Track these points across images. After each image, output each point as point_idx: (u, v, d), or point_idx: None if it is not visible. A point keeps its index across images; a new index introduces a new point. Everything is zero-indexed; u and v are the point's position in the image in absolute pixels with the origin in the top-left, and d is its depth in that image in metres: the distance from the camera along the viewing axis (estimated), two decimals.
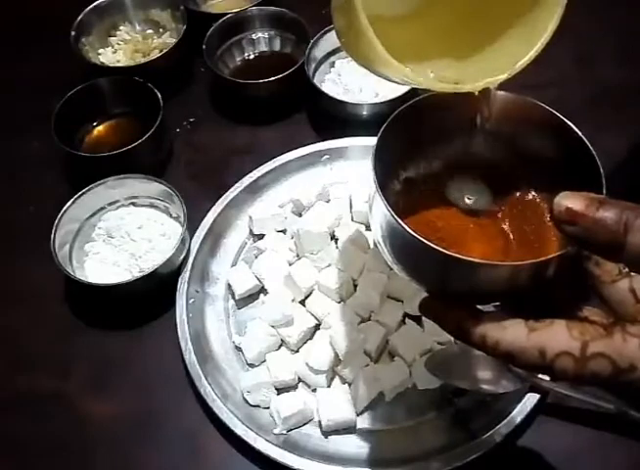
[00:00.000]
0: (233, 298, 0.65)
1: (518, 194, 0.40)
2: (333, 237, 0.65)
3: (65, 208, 0.65)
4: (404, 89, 0.72)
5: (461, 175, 0.40)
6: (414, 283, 0.36)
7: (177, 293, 0.63)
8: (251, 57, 0.84)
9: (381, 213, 0.34)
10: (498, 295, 0.35)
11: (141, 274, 0.62)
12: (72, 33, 0.80)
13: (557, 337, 0.31)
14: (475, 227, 0.39)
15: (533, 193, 0.39)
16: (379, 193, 0.33)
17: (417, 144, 0.39)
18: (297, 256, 0.65)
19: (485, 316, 0.33)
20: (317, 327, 0.61)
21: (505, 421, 0.54)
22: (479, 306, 0.35)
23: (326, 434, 0.56)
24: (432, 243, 0.31)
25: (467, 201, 0.40)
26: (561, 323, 0.32)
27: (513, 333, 0.32)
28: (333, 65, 0.81)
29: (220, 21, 0.81)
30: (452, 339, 0.58)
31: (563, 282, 0.35)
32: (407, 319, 0.61)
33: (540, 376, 0.53)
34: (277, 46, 0.84)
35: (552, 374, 0.32)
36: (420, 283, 0.36)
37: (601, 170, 0.34)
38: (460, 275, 0.33)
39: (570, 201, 0.31)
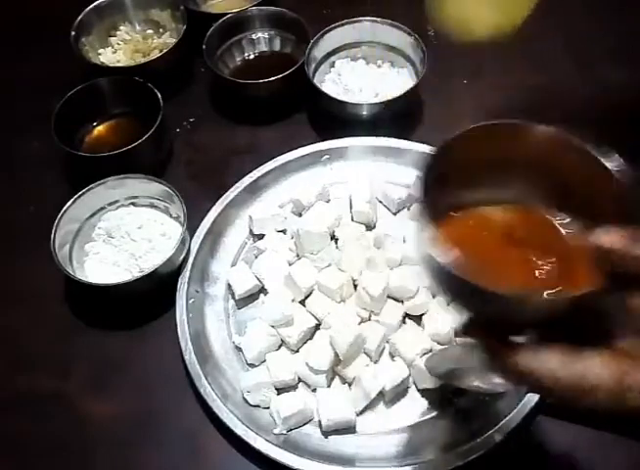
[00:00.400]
0: (233, 298, 0.65)
1: (556, 225, 0.40)
2: (333, 237, 0.65)
3: (65, 208, 0.65)
4: (404, 89, 0.72)
5: (501, 206, 0.41)
6: (455, 307, 0.38)
7: (177, 293, 0.63)
8: (251, 57, 0.84)
9: (425, 244, 0.35)
10: (536, 325, 0.36)
11: (141, 274, 0.62)
12: (72, 33, 0.80)
13: (592, 369, 0.31)
14: (514, 257, 0.39)
15: (572, 225, 0.40)
16: (430, 225, 0.35)
17: (460, 174, 0.40)
18: (297, 256, 0.65)
19: (521, 346, 0.33)
20: (317, 327, 0.61)
21: (505, 421, 0.54)
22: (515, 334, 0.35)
23: (326, 434, 0.56)
24: (477, 282, 0.32)
25: (506, 230, 0.40)
26: (596, 355, 0.31)
27: (547, 364, 0.32)
28: (333, 65, 0.81)
29: (220, 21, 0.81)
30: (452, 339, 0.59)
31: (599, 313, 0.34)
32: (407, 319, 0.61)
33: None
34: (277, 46, 0.84)
35: (586, 407, 0.31)
36: (461, 309, 0.37)
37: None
38: (499, 307, 0.34)
39: (605, 237, 0.31)
